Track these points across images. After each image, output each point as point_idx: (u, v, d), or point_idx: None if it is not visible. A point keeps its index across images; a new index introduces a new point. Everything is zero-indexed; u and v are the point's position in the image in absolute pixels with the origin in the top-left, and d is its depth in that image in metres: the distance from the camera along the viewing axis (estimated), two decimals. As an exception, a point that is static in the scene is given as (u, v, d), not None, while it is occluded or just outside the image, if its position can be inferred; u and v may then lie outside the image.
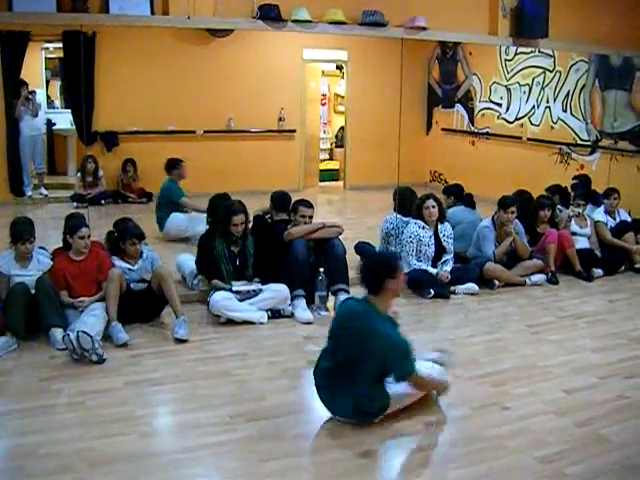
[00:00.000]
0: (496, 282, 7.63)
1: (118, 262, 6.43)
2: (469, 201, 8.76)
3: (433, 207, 7.48)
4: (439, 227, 7.56)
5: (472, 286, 7.47)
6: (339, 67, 15.91)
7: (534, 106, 12.40)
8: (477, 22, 9.70)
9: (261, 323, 6.42)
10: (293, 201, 7.21)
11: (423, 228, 7.45)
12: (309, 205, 6.99)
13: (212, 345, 5.95)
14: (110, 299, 5.99)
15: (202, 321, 6.48)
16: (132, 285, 6.35)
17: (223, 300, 6.36)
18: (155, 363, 5.44)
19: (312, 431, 4.51)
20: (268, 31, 11.89)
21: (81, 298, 6.14)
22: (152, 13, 11.86)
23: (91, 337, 5.43)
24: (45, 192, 12.78)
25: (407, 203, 7.91)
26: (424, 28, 9.94)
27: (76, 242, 6.28)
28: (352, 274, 7.05)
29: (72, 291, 6.18)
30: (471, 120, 13.88)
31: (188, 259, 7.44)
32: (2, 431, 4.49)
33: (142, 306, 6.34)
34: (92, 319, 5.84)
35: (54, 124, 14.63)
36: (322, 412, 4.73)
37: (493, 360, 5.72)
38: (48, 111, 14.67)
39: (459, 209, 8.58)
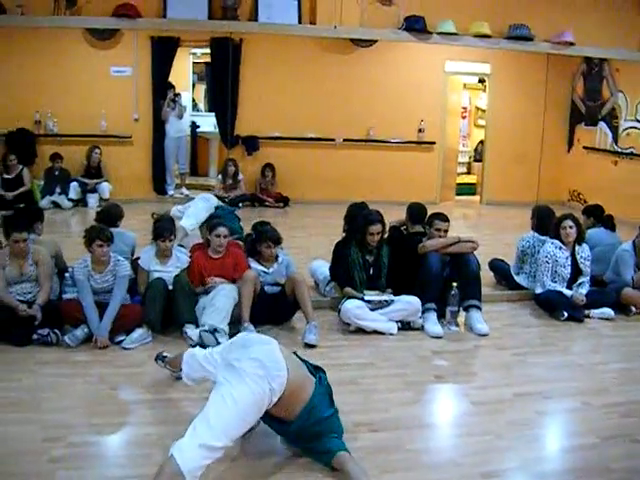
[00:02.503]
0: (633, 308, 7.32)
1: (254, 264, 6.58)
2: (609, 223, 8.45)
3: (571, 227, 7.29)
4: (576, 248, 7.36)
5: (608, 311, 7.21)
6: (481, 80, 15.74)
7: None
8: (627, 38, 9.38)
9: (390, 334, 6.41)
10: (429, 214, 7.19)
11: (560, 248, 7.28)
12: (445, 219, 6.95)
13: (340, 352, 6.00)
14: (244, 300, 6.12)
15: (332, 328, 6.54)
16: (266, 288, 6.47)
17: (355, 308, 6.38)
18: None
19: (433, 447, 4.48)
20: (412, 42, 11.99)
21: (213, 278, 6.34)
22: (299, 22, 12.18)
23: (214, 334, 5.69)
24: (186, 192, 13.18)
25: (545, 222, 7.74)
26: (571, 43, 9.70)
27: (213, 240, 6.48)
28: (485, 290, 7.00)
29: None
30: (615, 139, 13.40)
31: (322, 265, 7.51)
32: (133, 419, 4.71)
33: (274, 309, 6.45)
34: (222, 300, 6.04)
35: (198, 126, 15.09)
36: (446, 429, 4.71)
37: (625, 390, 5.46)
38: (193, 114, 15.16)
39: (598, 231, 8.30)
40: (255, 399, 3.65)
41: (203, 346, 5.52)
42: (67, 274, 6.44)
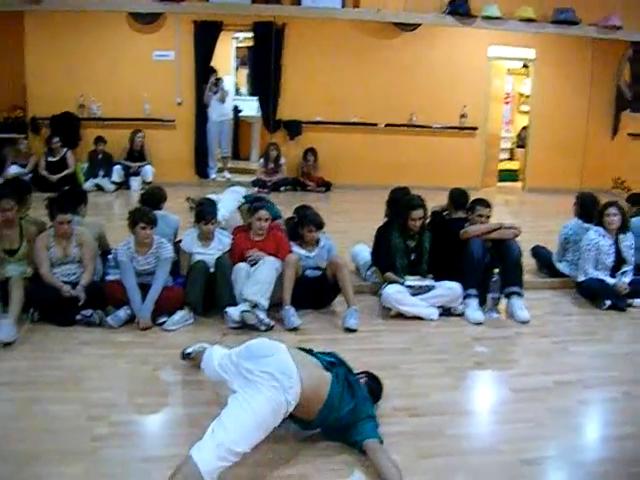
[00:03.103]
0: (678, 298, 7.25)
1: (296, 248, 6.59)
2: (655, 211, 8.35)
3: (615, 215, 7.19)
4: (620, 236, 7.27)
5: (652, 300, 7.15)
6: (525, 65, 15.57)
7: None
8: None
9: (431, 319, 6.40)
10: (471, 200, 7.15)
11: (603, 236, 7.20)
12: (487, 205, 6.90)
13: (380, 337, 6.01)
14: (286, 284, 6.14)
15: (372, 312, 6.54)
16: (307, 272, 6.48)
17: (395, 293, 6.38)
18: (322, 350, 5.55)
19: (472, 433, 4.48)
20: (456, 27, 11.92)
21: (256, 251, 6.37)
22: (342, 6, 12.15)
23: (254, 312, 5.80)
24: (228, 176, 13.26)
25: (589, 209, 7.65)
26: (618, 27, 9.54)
27: (255, 223, 6.51)
28: (527, 277, 6.96)
29: (248, 270, 6.42)
30: (661, 125, 13.18)
31: (363, 250, 7.51)
32: (174, 399, 4.80)
33: (315, 293, 6.47)
34: (264, 272, 6.08)
35: (240, 111, 15.12)
36: (485, 416, 4.71)
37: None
38: (235, 98, 15.19)
39: (643, 219, 8.21)
40: (272, 407, 3.66)
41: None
42: (110, 256, 6.51)
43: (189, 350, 5.08)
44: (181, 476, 3.33)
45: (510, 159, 16.83)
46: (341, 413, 3.97)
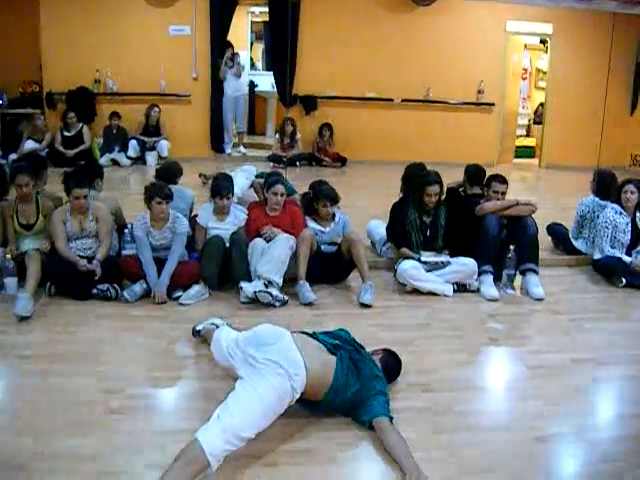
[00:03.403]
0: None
1: (311, 223, 6.59)
2: (673, 189, 8.28)
3: (632, 193, 7.14)
4: (637, 214, 7.23)
5: (668, 278, 7.10)
6: (543, 41, 15.45)
7: None
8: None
9: (446, 295, 6.39)
10: (487, 176, 7.12)
11: (620, 214, 7.15)
12: (503, 181, 6.87)
13: (395, 313, 6.00)
14: (300, 259, 6.15)
15: (387, 288, 6.54)
16: (322, 247, 6.49)
17: (411, 269, 6.38)
18: (336, 325, 5.41)
19: (485, 409, 4.47)
20: (473, 0, 11.82)
21: (270, 227, 6.37)
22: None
23: (268, 289, 5.78)
24: (244, 150, 13.29)
25: (606, 186, 7.60)
26: (639, 2, 9.41)
27: (270, 198, 6.51)
28: (542, 255, 6.94)
29: (263, 244, 6.43)
30: (681, 102, 13.05)
31: (379, 225, 7.50)
32: (189, 373, 4.81)
33: (330, 268, 6.48)
34: (279, 249, 6.07)
35: (256, 85, 15.11)
36: (499, 392, 4.72)
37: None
38: (251, 73, 15.18)
39: (661, 196, 8.15)
40: (278, 395, 3.66)
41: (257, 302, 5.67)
42: (126, 230, 6.55)
43: (199, 327, 5.09)
44: (186, 459, 3.34)
45: (527, 135, 16.77)
46: (347, 395, 3.98)
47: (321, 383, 3.91)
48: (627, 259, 7.06)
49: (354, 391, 4.00)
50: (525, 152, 15.64)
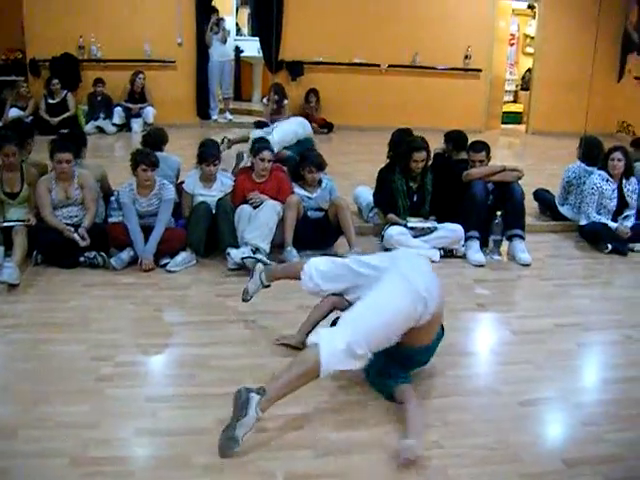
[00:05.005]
0: (680, 242, 7.24)
1: (297, 189, 6.58)
2: (659, 156, 8.29)
3: (619, 160, 7.14)
4: (624, 181, 7.24)
5: (653, 245, 7.14)
6: (531, 6, 15.36)
7: None
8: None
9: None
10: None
11: (607, 180, 7.17)
12: (478, 149, 6.82)
13: (382, 279, 6.01)
14: (287, 225, 6.18)
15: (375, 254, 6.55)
16: (309, 213, 6.49)
17: (397, 235, 6.40)
18: None
19: (472, 374, 4.52)
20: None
21: (257, 192, 6.37)
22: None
23: (255, 256, 5.75)
24: (230, 117, 13.21)
25: (593, 153, 7.61)
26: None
27: (257, 164, 6.49)
28: (529, 220, 6.96)
29: (249, 210, 6.43)
30: (668, 69, 13.01)
31: (366, 191, 7.50)
32: (178, 340, 4.80)
33: (317, 234, 6.48)
34: (266, 214, 6.11)
35: (242, 51, 15.00)
36: (486, 357, 4.75)
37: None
38: (237, 38, 15.07)
39: (647, 163, 8.16)
40: (409, 313, 3.70)
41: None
42: (113, 198, 6.52)
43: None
44: (302, 360, 3.49)
45: (514, 101, 16.74)
46: (424, 358, 4.16)
47: (433, 328, 4.01)
48: (613, 225, 7.09)
49: (425, 361, 4.19)
50: (512, 118, 15.62)
